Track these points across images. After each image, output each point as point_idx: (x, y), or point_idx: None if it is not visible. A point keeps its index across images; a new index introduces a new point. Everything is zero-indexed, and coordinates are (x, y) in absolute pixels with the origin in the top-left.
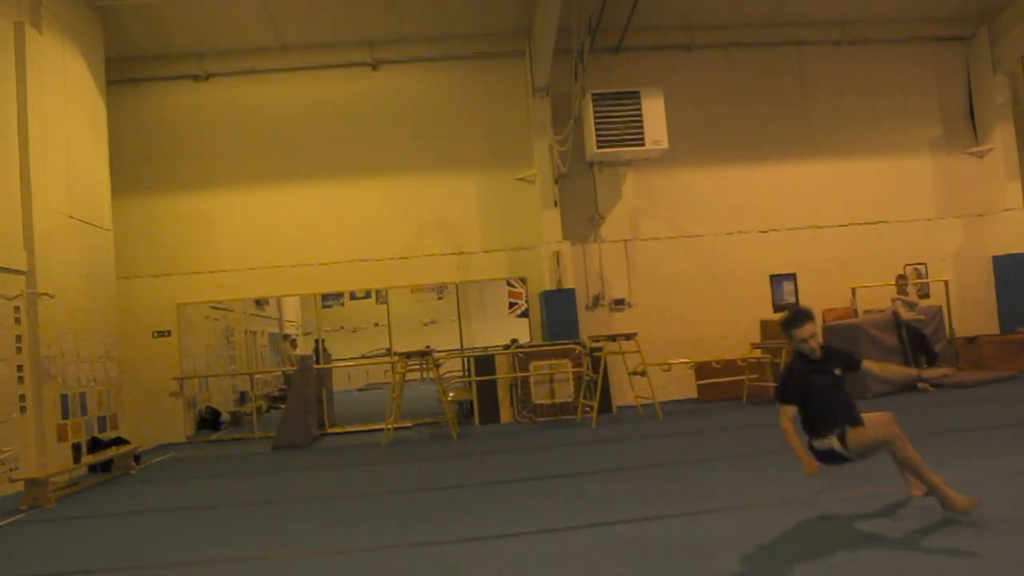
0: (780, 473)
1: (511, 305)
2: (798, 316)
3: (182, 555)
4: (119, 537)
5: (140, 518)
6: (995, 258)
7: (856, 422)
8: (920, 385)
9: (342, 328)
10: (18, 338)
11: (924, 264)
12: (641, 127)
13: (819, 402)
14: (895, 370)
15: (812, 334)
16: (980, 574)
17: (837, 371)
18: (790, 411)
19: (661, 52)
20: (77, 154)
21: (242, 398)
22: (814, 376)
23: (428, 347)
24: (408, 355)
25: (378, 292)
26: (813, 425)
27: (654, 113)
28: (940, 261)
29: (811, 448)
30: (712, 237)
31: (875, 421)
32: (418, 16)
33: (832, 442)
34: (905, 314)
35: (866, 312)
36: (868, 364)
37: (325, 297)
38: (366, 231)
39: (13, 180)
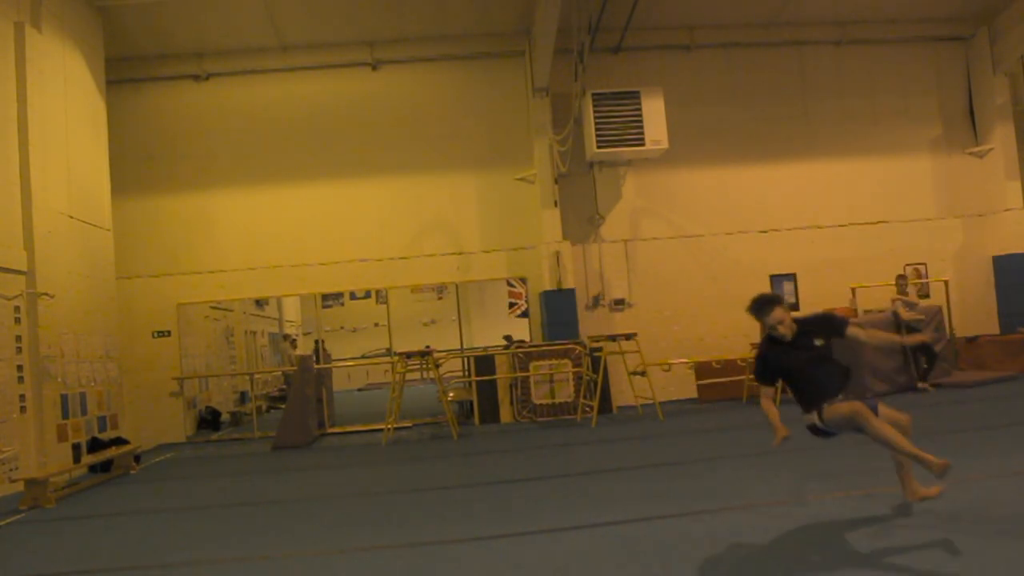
0: (780, 473)
1: (511, 305)
2: (762, 305)
3: (182, 555)
4: (119, 537)
5: (140, 518)
6: (995, 258)
7: (832, 398)
8: (920, 385)
9: (342, 328)
10: (18, 338)
11: (924, 264)
12: (641, 127)
13: (800, 381)
14: (880, 336)
15: (780, 320)
16: (980, 575)
17: (818, 342)
18: (768, 391)
19: (661, 52)
20: (77, 154)
21: (242, 398)
22: (790, 356)
23: (428, 347)
24: (408, 355)
25: (378, 292)
26: (800, 402)
27: (654, 113)
28: (940, 261)
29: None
30: (712, 237)
31: (847, 403)
32: (418, 16)
33: (813, 418)
34: (905, 314)
35: (866, 312)
36: (854, 330)
37: (325, 297)
38: (366, 231)
39: (13, 180)
